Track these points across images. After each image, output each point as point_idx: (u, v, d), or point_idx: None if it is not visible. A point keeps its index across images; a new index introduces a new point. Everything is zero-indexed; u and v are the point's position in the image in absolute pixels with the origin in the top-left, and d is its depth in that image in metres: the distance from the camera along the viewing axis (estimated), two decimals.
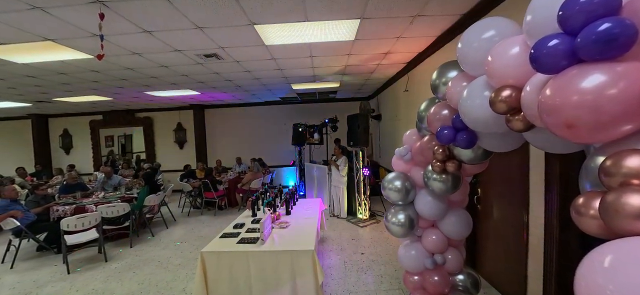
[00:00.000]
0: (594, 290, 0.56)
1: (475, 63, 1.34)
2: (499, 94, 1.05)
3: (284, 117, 8.66)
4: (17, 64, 3.64)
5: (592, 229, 0.69)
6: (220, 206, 6.37)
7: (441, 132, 1.59)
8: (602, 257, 0.58)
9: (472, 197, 2.93)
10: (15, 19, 2.42)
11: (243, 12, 2.49)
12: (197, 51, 3.51)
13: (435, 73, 1.80)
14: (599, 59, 0.69)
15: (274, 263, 2.41)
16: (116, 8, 2.31)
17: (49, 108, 7.54)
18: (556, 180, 1.94)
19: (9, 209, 3.85)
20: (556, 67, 0.76)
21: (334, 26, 2.91)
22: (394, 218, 2.12)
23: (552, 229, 2.01)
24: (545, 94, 0.78)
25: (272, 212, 3.22)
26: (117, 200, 4.58)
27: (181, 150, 8.97)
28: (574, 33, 0.72)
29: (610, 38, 0.64)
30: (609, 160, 0.64)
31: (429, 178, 1.90)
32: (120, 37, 2.90)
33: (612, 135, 0.70)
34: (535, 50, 0.80)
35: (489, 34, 1.27)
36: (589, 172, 0.79)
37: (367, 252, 3.88)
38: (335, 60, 4.26)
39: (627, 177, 0.60)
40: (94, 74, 4.28)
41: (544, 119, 0.79)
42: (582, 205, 0.71)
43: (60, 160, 9.00)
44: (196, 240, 4.56)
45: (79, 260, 3.94)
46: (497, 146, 1.47)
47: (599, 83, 0.67)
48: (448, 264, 2.16)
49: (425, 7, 2.58)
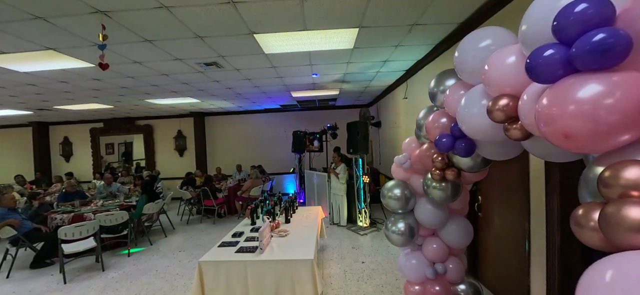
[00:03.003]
0: None
1: (472, 72, 1.34)
2: (496, 103, 1.05)
3: (283, 124, 8.68)
4: (19, 73, 3.67)
5: (593, 242, 0.67)
6: (220, 214, 6.33)
7: (440, 140, 1.59)
8: (603, 271, 0.57)
9: (473, 204, 2.90)
10: (18, 29, 2.45)
11: (243, 21, 2.52)
12: (198, 60, 3.54)
13: (433, 81, 1.81)
14: (594, 68, 0.69)
15: (273, 273, 2.38)
16: (118, 18, 2.34)
17: (50, 116, 7.57)
18: (557, 188, 1.92)
19: (6, 218, 3.82)
20: (552, 77, 0.76)
21: (333, 35, 2.94)
22: (394, 227, 2.10)
23: (553, 237, 1.98)
24: (542, 103, 0.78)
25: (272, 221, 3.19)
26: (116, 209, 4.55)
27: (181, 157, 8.97)
28: (569, 43, 0.72)
29: (605, 48, 0.65)
30: (608, 171, 0.64)
31: (429, 186, 1.89)
32: (122, 46, 2.93)
33: (610, 145, 0.70)
34: (531, 60, 0.80)
35: (485, 43, 1.28)
36: (588, 182, 0.78)
37: (368, 260, 3.83)
38: (334, 68, 4.30)
39: (626, 188, 0.59)
40: (95, 82, 4.31)
41: (542, 128, 0.78)
42: (581, 216, 0.70)
43: (60, 167, 9.00)
44: (195, 249, 4.51)
45: (76, 269, 3.89)
46: (496, 154, 1.47)
47: (595, 93, 0.67)
48: (449, 274, 2.13)
49: (422, 16, 2.61)
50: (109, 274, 3.76)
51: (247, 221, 3.52)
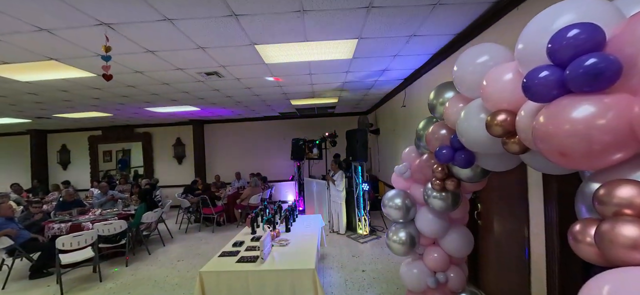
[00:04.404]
0: None
1: (470, 86, 1.38)
2: (494, 118, 1.09)
3: (282, 132, 8.71)
4: (20, 82, 3.68)
5: (590, 257, 0.70)
6: (219, 222, 6.29)
7: (440, 151, 1.62)
8: (601, 286, 0.59)
9: (473, 212, 2.93)
10: (21, 40, 2.47)
11: (244, 32, 2.57)
12: (199, 69, 3.58)
13: (433, 93, 1.85)
14: (586, 91, 0.72)
15: (274, 282, 2.38)
16: (122, 30, 2.38)
17: (49, 124, 7.55)
18: (554, 196, 1.95)
19: (3, 228, 3.78)
20: (547, 96, 0.80)
21: (333, 46, 3.00)
22: (395, 236, 2.12)
23: (553, 246, 2.01)
24: (538, 121, 0.81)
25: (272, 230, 3.19)
26: (114, 217, 4.52)
27: (180, 165, 8.94)
28: (563, 65, 0.76)
29: (597, 72, 0.68)
30: (603, 189, 0.67)
31: (429, 196, 1.91)
32: (124, 56, 2.97)
33: (604, 163, 0.73)
34: (527, 80, 0.84)
35: (482, 59, 1.33)
36: (584, 197, 0.81)
37: (368, 269, 3.82)
38: (334, 77, 4.36)
39: (620, 206, 0.62)
40: (96, 91, 4.33)
41: (538, 145, 0.82)
42: (578, 232, 0.73)
43: (57, 176, 8.92)
44: (194, 258, 4.47)
45: (73, 280, 3.84)
46: (495, 166, 1.50)
47: (588, 114, 0.71)
48: (450, 283, 2.14)
49: (420, 28, 2.67)
50: (106, 284, 3.71)
51: (247, 230, 3.51)
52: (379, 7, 2.24)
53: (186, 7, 2.08)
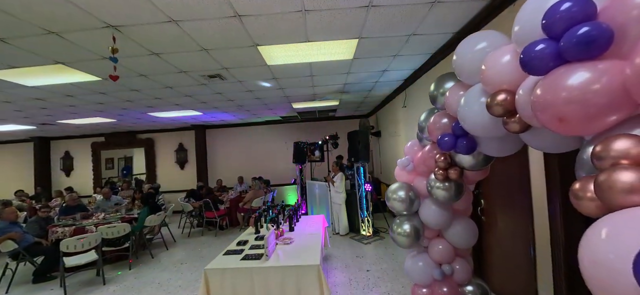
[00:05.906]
0: (597, 258, 0.59)
1: (470, 72, 1.42)
2: (494, 99, 1.13)
3: (284, 136, 8.76)
4: (26, 87, 3.75)
5: (591, 211, 0.73)
6: (221, 226, 6.29)
7: (442, 139, 1.65)
8: (599, 230, 0.61)
9: (476, 208, 2.93)
10: (29, 43, 2.54)
11: (248, 34, 2.63)
12: (202, 72, 3.65)
13: (433, 85, 1.89)
14: (581, 58, 0.76)
15: (279, 279, 2.38)
16: (128, 33, 2.45)
17: (52, 130, 7.62)
18: (557, 186, 1.97)
19: (7, 231, 3.80)
20: (544, 68, 0.83)
21: (334, 46, 3.06)
22: (400, 228, 2.13)
23: (558, 239, 2.01)
24: (536, 93, 0.84)
25: (276, 229, 3.20)
26: (118, 221, 4.53)
27: (182, 170, 8.97)
28: (557, 38, 0.80)
29: (590, 40, 0.72)
30: (599, 145, 0.70)
31: (433, 186, 1.93)
32: (129, 59, 3.03)
33: (600, 126, 0.76)
34: (524, 55, 0.88)
35: (481, 46, 1.37)
36: (583, 163, 0.84)
37: (373, 269, 3.80)
38: (335, 79, 4.42)
39: (617, 158, 0.65)
40: (101, 96, 4.40)
41: (538, 115, 0.85)
42: (579, 189, 0.76)
43: (60, 182, 8.96)
44: (197, 261, 4.46)
45: (76, 283, 3.83)
46: (496, 150, 1.53)
47: (584, 80, 0.74)
48: (456, 275, 2.14)
49: (419, 27, 2.73)
50: (110, 287, 3.71)
51: (250, 230, 3.52)
52: (379, 6, 2.30)
53: (192, 7, 2.14)
